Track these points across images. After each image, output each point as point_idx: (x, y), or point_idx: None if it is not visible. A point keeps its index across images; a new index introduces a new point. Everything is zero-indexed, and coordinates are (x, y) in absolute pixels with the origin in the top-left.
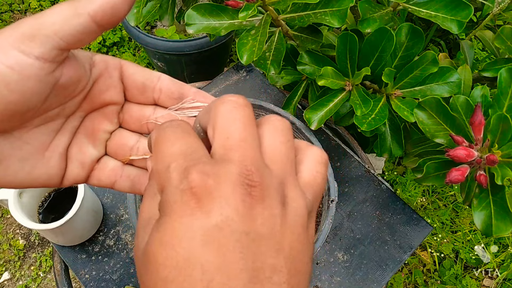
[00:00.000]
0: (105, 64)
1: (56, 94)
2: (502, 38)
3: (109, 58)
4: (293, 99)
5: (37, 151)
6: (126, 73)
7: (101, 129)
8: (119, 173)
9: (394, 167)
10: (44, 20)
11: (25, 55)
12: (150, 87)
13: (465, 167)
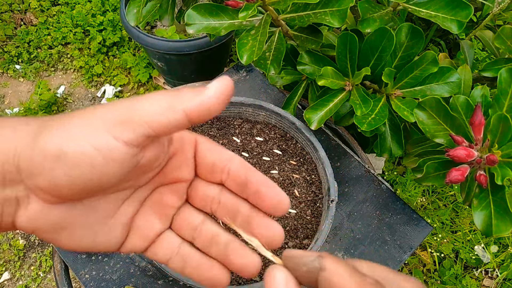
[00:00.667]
0: (181, 141)
1: (133, 172)
2: (502, 38)
3: (186, 134)
4: (293, 99)
5: (103, 219)
6: (200, 151)
7: (170, 204)
8: (175, 251)
9: (394, 167)
10: (140, 107)
11: (114, 139)
12: (219, 168)
13: (465, 167)
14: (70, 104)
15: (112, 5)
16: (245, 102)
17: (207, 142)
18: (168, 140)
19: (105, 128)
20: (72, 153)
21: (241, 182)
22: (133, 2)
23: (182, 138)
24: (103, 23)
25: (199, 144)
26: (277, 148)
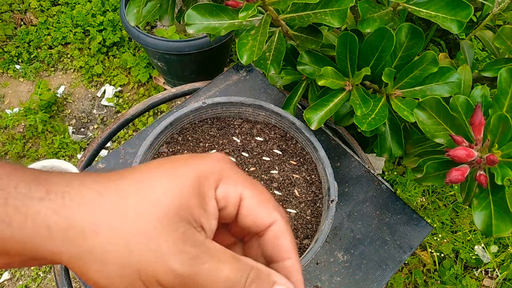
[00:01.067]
0: (225, 202)
1: None
2: (502, 38)
3: (231, 192)
4: (293, 99)
5: None
6: (241, 213)
7: None
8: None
9: (394, 167)
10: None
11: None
12: (254, 232)
13: (465, 167)
14: (70, 104)
15: (112, 5)
16: (245, 102)
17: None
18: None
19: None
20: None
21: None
22: (133, 2)
23: (228, 196)
24: (103, 23)
25: (242, 206)
26: (277, 148)
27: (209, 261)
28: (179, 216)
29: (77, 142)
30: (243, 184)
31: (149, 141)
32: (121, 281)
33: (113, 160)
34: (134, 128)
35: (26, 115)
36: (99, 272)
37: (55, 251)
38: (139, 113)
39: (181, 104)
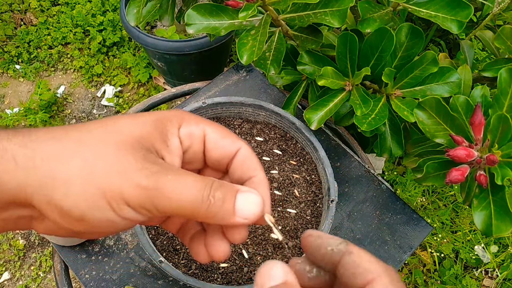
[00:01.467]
0: (191, 138)
1: None
2: (502, 38)
3: (194, 130)
4: (293, 99)
5: None
6: (207, 147)
7: None
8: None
9: (394, 167)
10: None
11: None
12: (223, 164)
13: (465, 167)
14: (70, 104)
15: (112, 5)
16: (245, 102)
17: (214, 134)
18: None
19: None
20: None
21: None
22: (133, 2)
23: (191, 134)
24: (103, 23)
25: (207, 141)
26: (277, 148)
27: (172, 174)
28: (140, 144)
29: None
30: (204, 123)
31: None
32: (86, 203)
33: None
34: None
35: (26, 115)
36: (64, 196)
37: (21, 184)
38: None
39: (181, 104)
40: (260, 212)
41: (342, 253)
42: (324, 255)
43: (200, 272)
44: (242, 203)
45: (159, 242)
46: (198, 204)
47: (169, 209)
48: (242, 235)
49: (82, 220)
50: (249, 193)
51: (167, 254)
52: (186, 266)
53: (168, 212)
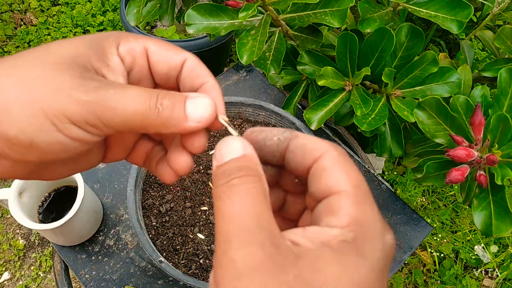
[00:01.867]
0: (133, 56)
1: None
2: (502, 38)
3: (134, 46)
4: (293, 99)
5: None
6: (152, 61)
7: None
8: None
9: (394, 167)
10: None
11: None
12: (172, 78)
13: (465, 167)
14: None
15: (112, 5)
16: (245, 102)
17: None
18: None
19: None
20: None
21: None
22: (133, 2)
23: (132, 50)
24: (103, 23)
25: (150, 54)
26: None
27: (114, 87)
28: (76, 63)
29: None
30: (144, 38)
31: None
32: (31, 128)
33: None
34: None
35: None
36: (7, 125)
37: None
38: None
39: None
40: (212, 113)
41: (288, 139)
42: (271, 146)
43: (200, 272)
44: (192, 107)
45: (159, 242)
46: (146, 113)
47: (116, 121)
48: (201, 143)
49: (31, 146)
50: (199, 97)
51: (167, 254)
52: (186, 266)
53: (116, 125)
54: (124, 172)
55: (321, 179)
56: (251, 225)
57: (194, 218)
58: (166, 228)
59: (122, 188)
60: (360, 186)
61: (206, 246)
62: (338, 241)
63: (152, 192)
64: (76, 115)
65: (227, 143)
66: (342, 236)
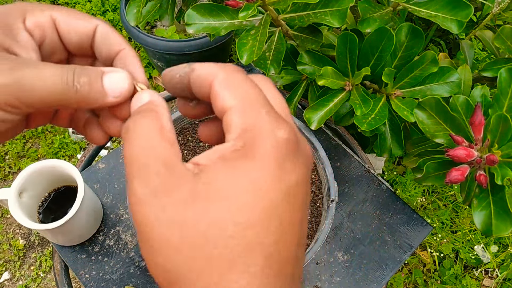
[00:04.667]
0: (41, 28)
1: None
2: (502, 38)
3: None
4: (293, 99)
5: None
6: (61, 32)
7: None
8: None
9: (394, 167)
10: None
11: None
12: (86, 47)
13: (465, 167)
14: None
15: (112, 5)
16: None
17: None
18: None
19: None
20: None
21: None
22: (133, 2)
23: (39, 23)
24: None
25: (58, 25)
26: None
27: (29, 66)
28: None
29: (77, 142)
30: (51, 9)
31: None
32: None
33: (113, 160)
34: None
35: None
36: None
37: None
38: None
39: None
40: (129, 85)
41: (188, 74)
42: (177, 84)
43: None
44: (109, 83)
45: None
46: (64, 91)
47: (36, 100)
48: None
49: None
50: (114, 72)
51: None
52: None
53: (36, 103)
54: (124, 172)
55: (216, 102)
56: (146, 159)
57: None
58: None
59: (122, 188)
60: (246, 96)
61: None
62: (230, 152)
63: None
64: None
65: (138, 95)
66: (233, 147)
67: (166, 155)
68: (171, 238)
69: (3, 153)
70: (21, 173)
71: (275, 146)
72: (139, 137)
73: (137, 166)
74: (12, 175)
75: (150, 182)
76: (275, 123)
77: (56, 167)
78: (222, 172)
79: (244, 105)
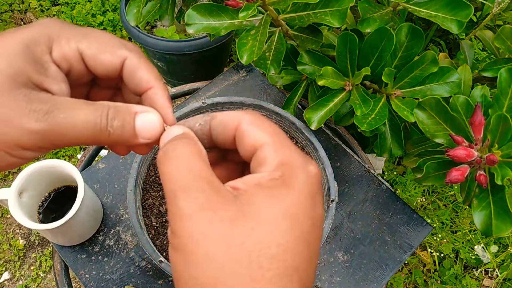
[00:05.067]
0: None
1: None
2: (502, 38)
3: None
4: (293, 99)
5: None
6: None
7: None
8: None
9: (394, 167)
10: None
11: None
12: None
13: (465, 167)
14: None
15: (112, 5)
16: (245, 102)
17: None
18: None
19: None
20: None
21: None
22: (133, 2)
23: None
24: (103, 23)
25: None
26: None
27: (64, 111)
28: (16, 83)
29: None
30: (76, 38)
31: None
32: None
33: (113, 160)
34: None
35: None
36: None
37: None
38: None
39: (181, 104)
40: (160, 130)
41: (209, 121)
42: (197, 132)
43: None
44: (141, 125)
45: (159, 242)
46: (97, 134)
47: (67, 143)
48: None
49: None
50: (146, 113)
51: (167, 254)
52: None
53: (67, 144)
54: (124, 172)
55: (244, 140)
56: (189, 178)
57: None
58: (166, 228)
59: (122, 188)
60: (276, 134)
61: None
62: (267, 180)
63: (152, 192)
64: (30, 143)
65: (169, 131)
66: (270, 176)
67: (208, 175)
68: (216, 253)
69: None
70: (21, 173)
71: (308, 180)
72: (181, 158)
73: (182, 184)
74: (12, 175)
75: (197, 198)
76: (306, 159)
77: (56, 167)
78: (261, 197)
79: (275, 142)
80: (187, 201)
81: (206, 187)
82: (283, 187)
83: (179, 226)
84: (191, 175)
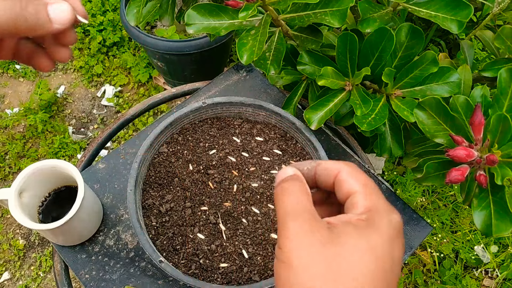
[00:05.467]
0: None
1: None
2: (502, 38)
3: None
4: (293, 99)
5: None
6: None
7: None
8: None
9: (394, 167)
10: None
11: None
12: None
13: (465, 167)
14: (70, 104)
15: (112, 5)
16: (245, 102)
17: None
18: None
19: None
20: None
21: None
22: (133, 2)
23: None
24: (103, 23)
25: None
26: (277, 148)
27: None
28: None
29: (77, 142)
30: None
31: (149, 141)
32: None
33: (113, 160)
34: (134, 128)
35: (26, 115)
36: None
37: None
38: (139, 113)
39: (181, 104)
40: (71, 15)
41: (315, 167)
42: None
43: (200, 272)
44: (54, 12)
45: (159, 242)
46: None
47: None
48: (72, 37)
49: None
50: (58, 4)
51: (167, 254)
52: (186, 266)
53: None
54: (124, 172)
55: (341, 187)
56: (298, 208)
57: (194, 218)
58: (166, 228)
59: (122, 188)
60: (367, 184)
61: (206, 246)
62: (355, 220)
63: (152, 192)
64: None
65: (284, 170)
66: (358, 217)
67: (312, 210)
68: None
69: (3, 153)
70: (21, 173)
71: (390, 225)
72: (294, 195)
73: (294, 214)
74: (12, 175)
75: (303, 225)
76: (390, 208)
77: (56, 167)
78: (349, 231)
79: (366, 191)
80: (296, 226)
81: (309, 217)
82: (368, 227)
83: (286, 243)
84: (299, 206)
